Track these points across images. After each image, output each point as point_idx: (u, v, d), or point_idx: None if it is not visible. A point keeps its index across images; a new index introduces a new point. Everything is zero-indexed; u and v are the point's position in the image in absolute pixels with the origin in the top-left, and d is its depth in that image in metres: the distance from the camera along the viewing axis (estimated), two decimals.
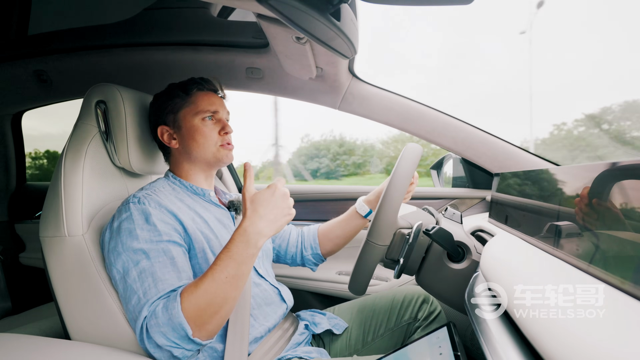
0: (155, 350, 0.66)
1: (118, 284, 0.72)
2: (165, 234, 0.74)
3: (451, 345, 0.64)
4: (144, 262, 0.70)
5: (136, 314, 0.67)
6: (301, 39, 0.85)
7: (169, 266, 0.70)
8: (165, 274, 0.69)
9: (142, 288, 0.68)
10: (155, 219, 0.74)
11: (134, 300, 0.68)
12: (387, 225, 0.80)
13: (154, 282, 0.68)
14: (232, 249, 0.66)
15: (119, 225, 0.74)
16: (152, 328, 0.65)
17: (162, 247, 0.72)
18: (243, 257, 0.66)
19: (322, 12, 0.58)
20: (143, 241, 0.72)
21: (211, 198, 0.91)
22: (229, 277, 0.65)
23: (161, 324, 0.64)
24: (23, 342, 0.73)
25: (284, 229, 1.11)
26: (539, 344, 0.37)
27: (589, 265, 0.44)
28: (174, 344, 0.64)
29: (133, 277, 0.69)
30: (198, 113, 0.87)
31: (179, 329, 0.63)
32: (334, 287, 1.42)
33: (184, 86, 0.90)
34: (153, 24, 1.19)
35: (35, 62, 1.31)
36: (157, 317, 0.64)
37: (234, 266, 0.66)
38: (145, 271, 0.69)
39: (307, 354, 0.87)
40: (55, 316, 1.29)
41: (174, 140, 0.89)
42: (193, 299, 0.64)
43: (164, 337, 0.64)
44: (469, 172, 1.43)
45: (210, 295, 0.64)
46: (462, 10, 70.61)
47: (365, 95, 1.29)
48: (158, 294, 0.67)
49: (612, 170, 0.45)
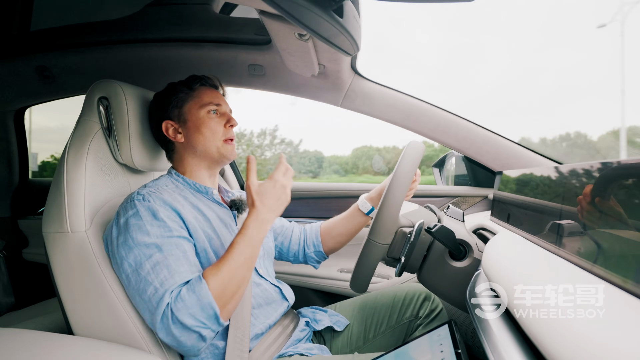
0: (182, 333, 0.67)
1: (130, 277, 0.71)
2: (175, 230, 0.75)
3: (452, 343, 0.65)
4: (157, 255, 0.71)
5: (154, 303, 0.68)
6: (304, 36, 0.84)
7: (182, 259, 0.72)
8: (179, 267, 0.71)
9: (158, 279, 0.69)
10: (162, 215, 0.75)
11: (150, 291, 0.68)
12: (389, 223, 0.80)
13: (170, 274, 0.69)
14: (248, 233, 0.73)
15: (126, 221, 0.74)
16: (179, 311, 0.66)
17: (175, 242, 0.73)
18: (256, 241, 0.74)
19: (324, 9, 0.58)
20: (154, 236, 0.72)
21: (214, 196, 0.91)
22: (247, 258, 0.73)
23: (189, 306, 0.66)
24: (26, 337, 0.74)
25: (286, 226, 1.12)
26: (540, 343, 0.37)
27: (590, 264, 0.43)
28: (202, 324, 0.67)
29: (147, 269, 0.70)
30: (203, 106, 0.88)
31: (207, 307, 0.67)
32: (336, 284, 1.43)
33: (186, 82, 0.91)
34: (155, 20, 1.18)
35: (37, 58, 1.31)
36: (184, 300, 0.66)
37: (249, 249, 0.73)
38: (160, 264, 0.70)
39: (308, 350, 0.88)
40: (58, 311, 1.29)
41: (179, 134, 0.88)
42: (217, 279, 0.69)
43: (192, 318, 0.66)
44: (471, 170, 1.43)
45: (232, 275, 0.70)
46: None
47: (368, 92, 1.29)
48: (176, 284, 0.68)
49: (615, 169, 0.45)
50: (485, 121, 1.36)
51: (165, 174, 0.92)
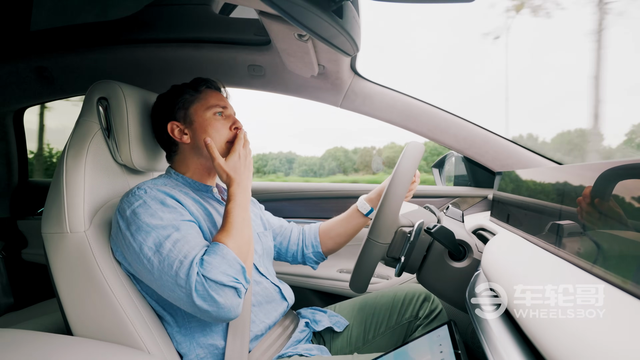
0: (219, 293, 0.68)
1: (152, 259, 0.71)
2: (185, 215, 0.77)
3: (452, 343, 0.65)
4: (176, 234, 0.72)
5: (183, 275, 0.68)
6: (303, 37, 0.84)
7: (198, 237, 0.75)
8: (198, 243, 0.73)
9: (182, 253, 0.70)
10: (170, 202, 0.76)
11: (176, 265, 0.69)
12: (389, 223, 0.80)
13: (192, 247, 0.71)
14: (236, 199, 0.80)
15: (134, 211, 0.74)
16: (210, 272, 0.68)
17: (188, 224, 0.75)
18: (245, 203, 0.81)
19: (324, 10, 0.58)
20: (168, 220, 0.74)
21: (214, 194, 0.92)
22: (244, 219, 0.78)
23: (217, 265, 0.69)
24: (25, 338, 0.74)
25: (285, 226, 1.13)
26: (539, 343, 0.37)
27: (590, 265, 0.43)
28: (234, 279, 0.70)
29: (168, 247, 0.70)
30: (209, 108, 0.88)
31: (234, 262, 0.71)
32: (335, 284, 1.43)
33: (192, 84, 0.92)
34: (155, 21, 1.18)
35: (37, 59, 1.31)
36: (210, 263, 0.69)
37: (243, 211, 0.79)
38: (180, 240, 0.72)
39: (307, 351, 0.87)
40: (58, 312, 1.29)
41: (185, 135, 0.88)
42: (231, 240, 0.74)
43: (225, 275, 0.69)
44: (471, 171, 1.43)
45: (239, 234, 0.76)
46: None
47: (368, 93, 1.29)
48: (198, 254, 0.70)
49: (615, 170, 0.45)
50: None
51: (164, 174, 0.92)
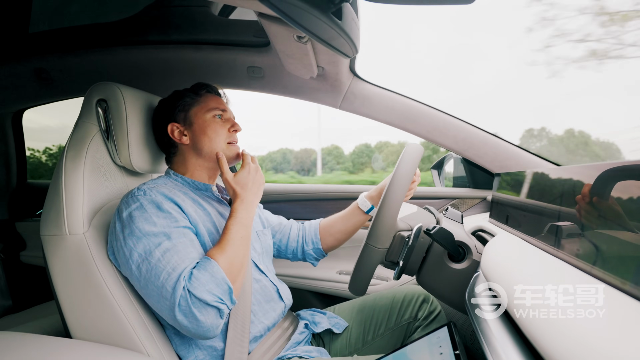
0: (202, 311, 0.67)
1: (140, 266, 0.71)
2: (180, 220, 0.76)
3: (451, 344, 0.65)
4: (166, 242, 0.72)
5: (169, 288, 0.68)
6: (302, 38, 0.85)
7: (190, 247, 0.74)
8: (188, 254, 0.72)
9: (170, 264, 0.69)
10: (166, 207, 0.76)
11: (163, 276, 0.69)
12: (387, 227, 0.79)
13: (181, 259, 0.70)
14: (238, 216, 0.79)
15: (130, 214, 0.74)
16: (196, 289, 0.67)
17: (181, 231, 0.75)
18: (247, 221, 0.80)
19: (323, 11, 0.58)
20: (161, 226, 0.73)
21: (213, 193, 0.93)
22: (242, 237, 0.77)
23: (204, 283, 0.68)
24: (24, 341, 0.73)
25: (284, 223, 1.13)
26: (539, 344, 0.37)
27: (589, 266, 0.44)
28: (219, 299, 0.69)
29: (157, 257, 0.70)
30: (209, 110, 0.90)
31: (222, 283, 0.70)
32: (335, 286, 1.42)
33: (193, 88, 0.94)
34: (154, 22, 1.18)
35: (36, 61, 1.31)
36: (198, 279, 0.68)
37: (243, 229, 0.78)
38: (170, 250, 0.71)
39: (307, 353, 0.87)
40: (56, 314, 1.29)
41: (184, 136, 0.90)
42: (223, 258, 0.72)
43: (210, 294, 0.68)
44: (470, 172, 1.43)
45: (234, 252, 0.74)
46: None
47: (367, 94, 1.29)
48: (187, 267, 0.70)
49: (613, 171, 0.45)
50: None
51: (163, 175, 0.93)
